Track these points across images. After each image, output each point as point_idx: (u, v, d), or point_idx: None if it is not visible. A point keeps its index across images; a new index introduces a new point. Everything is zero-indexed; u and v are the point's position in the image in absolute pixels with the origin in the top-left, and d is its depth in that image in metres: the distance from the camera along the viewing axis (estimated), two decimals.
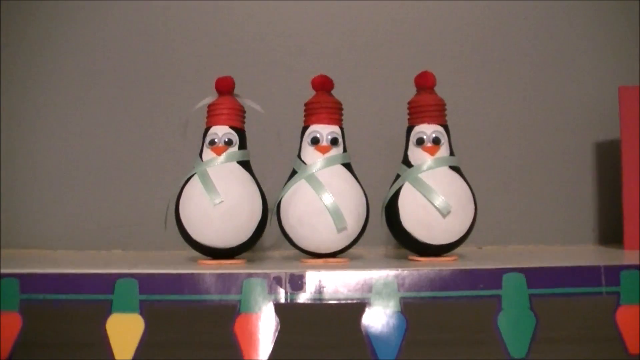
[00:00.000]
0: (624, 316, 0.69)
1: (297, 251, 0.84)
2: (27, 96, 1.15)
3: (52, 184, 1.14)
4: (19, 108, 1.15)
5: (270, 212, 0.83)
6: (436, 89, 0.85)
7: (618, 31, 1.14)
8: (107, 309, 0.69)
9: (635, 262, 0.72)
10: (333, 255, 0.82)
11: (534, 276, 0.69)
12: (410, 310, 0.69)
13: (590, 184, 1.13)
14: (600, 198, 1.13)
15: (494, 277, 0.69)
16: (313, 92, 0.85)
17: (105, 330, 0.68)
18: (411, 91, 0.85)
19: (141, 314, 0.69)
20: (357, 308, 0.69)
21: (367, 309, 0.69)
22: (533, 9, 1.15)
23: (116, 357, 0.68)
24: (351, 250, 0.85)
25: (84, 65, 1.16)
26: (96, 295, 0.69)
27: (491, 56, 1.15)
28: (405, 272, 0.69)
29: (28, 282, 0.70)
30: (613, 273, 0.69)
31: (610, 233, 1.10)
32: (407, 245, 0.82)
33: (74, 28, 1.17)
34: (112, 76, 1.15)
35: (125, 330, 0.68)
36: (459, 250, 0.85)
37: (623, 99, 0.98)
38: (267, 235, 0.91)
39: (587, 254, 0.92)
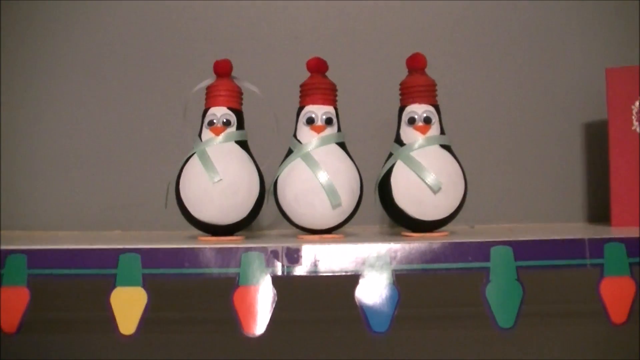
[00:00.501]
0: (608, 287, 0.71)
1: (294, 229, 0.86)
2: (29, 81, 1.17)
3: (53, 166, 1.16)
4: (20, 94, 1.17)
5: (267, 191, 0.85)
6: (429, 71, 0.86)
7: (604, 14, 1.15)
8: (111, 283, 0.71)
9: (619, 235, 0.74)
10: (329, 231, 0.84)
11: (521, 249, 0.71)
12: (403, 282, 0.71)
13: (579, 163, 1.15)
14: (589, 177, 1.14)
15: (482, 250, 0.71)
16: (308, 74, 0.87)
17: (109, 303, 0.71)
18: (403, 73, 0.87)
19: (144, 287, 0.71)
20: (351, 280, 0.71)
21: (360, 281, 0.71)
22: None
23: (120, 329, 0.71)
24: (347, 229, 0.87)
25: (84, 49, 1.17)
26: (100, 270, 0.72)
27: (482, 39, 1.16)
28: (397, 245, 0.72)
29: (35, 257, 0.72)
30: (597, 245, 0.72)
31: (599, 211, 1.12)
32: (400, 221, 0.84)
33: (76, 11, 1.18)
34: (114, 59, 1.17)
35: (128, 303, 0.71)
36: (451, 229, 0.87)
37: (610, 80, 0.99)
38: (265, 215, 0.93)
39: (575, 230, 0.94)
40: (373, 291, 0.71)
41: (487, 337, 1.05)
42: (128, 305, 0.71)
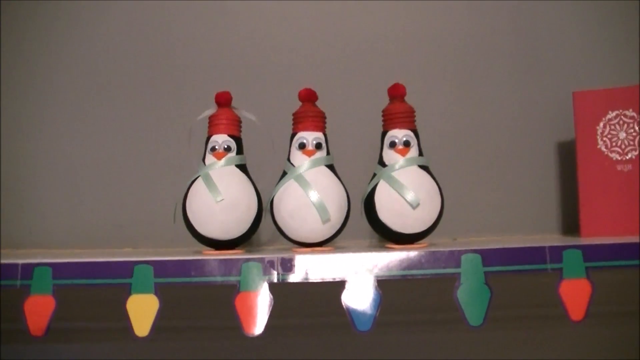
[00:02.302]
0: (567, 289, 0.79)
1: (289, 244, 0.93)
2: (39, 111, 1.25)
3: (64, 185, 1.24)
4: (32, 120, 1.25)
5: (264, 209, 0.92)
6: (411, 98, 0.94)
7: (572, 42, 1.23)
8: (127, 291, 0.79)
9: (577, 243, 0.81)
10: (320, 244, 0.91)
11: (489, 256, 0.79)
12: (384, 286, 0.79)
13: (552, 181, 1.21)
14: (563, 193, 1.21)
15: (454, 257, 0.79)
16: (300, 104, 0.94)
17: (125, 309, 0.79)
18: (385, 100, 0.94)
19: (156, 294, 0.79)
20: (338, 285, 0.79)
21: (346, 286, 0.79)
22: (496, 26, 1.24)
23: (135, 332, 0.78)
24: (339, 243, 0.95)
25: (96, 79, 1.26)
26: (117, 279, 0.80)
27: (459, 67, 1.24)
28: (379, 255, 0.80)
29: (59, 269, 0.80)
30: (556, 252, 0.79)
31: (572, 223, 1.17)
32: (384, 235, 0.91)
33: (86, 36, 1.27)
34: (127, 89, 1.25)
35: (142, 308, 0.79)
36: (435, 241, 0.94)
37: (577, 103, 1.05)
38: (262, 231, 1.00)
39: (545, 240, 0.99)
40: (357, 295, 0.79)
41: (464, 339, 1.10)
42: (142, 311, 0.79)
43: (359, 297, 0.79)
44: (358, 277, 0.79)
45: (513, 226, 1.20)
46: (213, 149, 0.93)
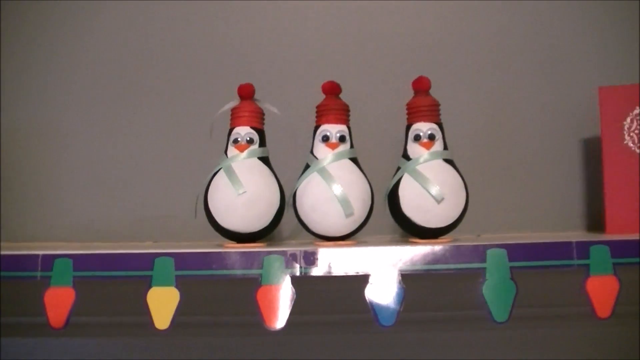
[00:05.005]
0: (593, 285, 0.78)
1: (312, 238, 0.93)
2: (64, 106, 1.26)
3: (85, 182, 1.25)
4: (60, 114, 1.26)
5: (286, 202, 0.92)
6: (436, 93, 0.93)
7: (596, 37, 1.22)
8: (147, 283, 0.79)
9: (603, 238, 0.80)
10: (343, 238, 0.90)
11: (514, 251, 0.78)
12: (407, 281, 0.78)
13: (578, 177, 1.20)
14: (588, 189, 1.20)
15: (478, 252, 0.78)
16: (324, 96, 0.94)
17: (146, 301, 0.78)
18: (409, 94, 0.94)
19: (177, 287, 0.79)
20: (361, 280, 0.78)
21: (370, 281, 0.78)
22: (521, 20, 1.24)
23: (155, 324, 0.78)
24: (361, 237, 0.94)
25: (116, 74, 1.26)
26: (138, 272, 0.80)
27: (483, 61, 1.23)
28: (403, 249, 0.79)
29: (80, 261, 0.80)
30: (583, 248, 0.78)
31: (597, 220, 1.16)
32: (407, 229, 0.90)
33: (107, 30, 1.28)
34: (146, 83, 1.26)
35: (163, 301, 0.79)
36: (458, 237, 0.93)
37: (602, 98, 1.04)
38: (284, 225, 0.99)
39: (570, 237, 0.98)
40: (381, 289, 0.78)
41: (488, 337, 1.10)
42: (162, 303, 0.78)
43: (383, 292, 0.78)
44: (382, 271, 0.79)
45: (537, 223, 1.19)
46: (235, 141, 0.92)
